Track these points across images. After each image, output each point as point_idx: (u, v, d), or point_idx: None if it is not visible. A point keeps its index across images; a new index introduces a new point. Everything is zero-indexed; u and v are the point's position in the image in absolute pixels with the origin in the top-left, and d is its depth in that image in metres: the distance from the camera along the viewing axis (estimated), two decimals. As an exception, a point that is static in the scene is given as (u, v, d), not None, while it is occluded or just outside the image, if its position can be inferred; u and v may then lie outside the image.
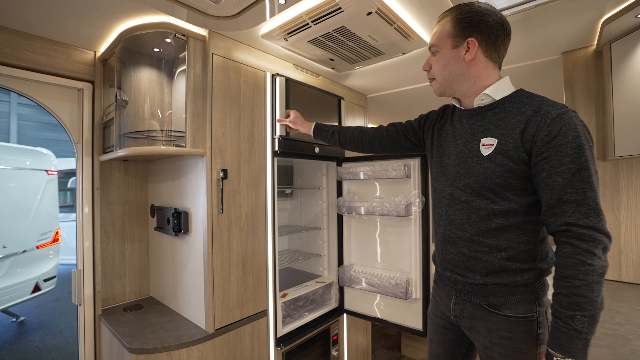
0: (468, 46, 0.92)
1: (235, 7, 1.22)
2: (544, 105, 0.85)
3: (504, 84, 0.94)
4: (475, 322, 0.97)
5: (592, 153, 0.81)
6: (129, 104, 1.43)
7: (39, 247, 4.10)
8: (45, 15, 1.26)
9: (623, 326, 1.10)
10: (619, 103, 1.45)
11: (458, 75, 0.96)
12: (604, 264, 0.77)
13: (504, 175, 0.88)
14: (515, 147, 0.86)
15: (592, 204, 0.78)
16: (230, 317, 1.47)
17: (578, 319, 0.76)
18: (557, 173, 0.80)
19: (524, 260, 0.89)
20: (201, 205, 1.42)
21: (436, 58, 0.99)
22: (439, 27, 0.98)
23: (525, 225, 0.89)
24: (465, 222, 0.97)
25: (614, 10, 1.30)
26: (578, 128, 0.80)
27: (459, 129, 1.02)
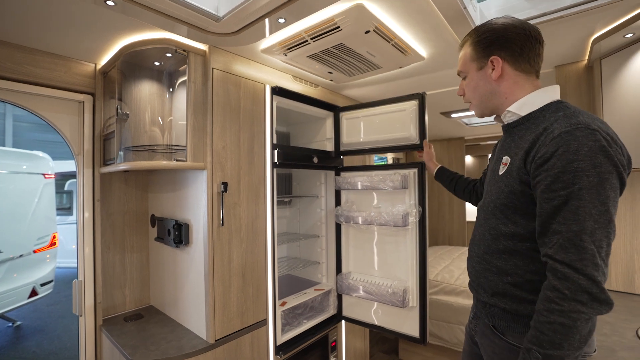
0: (493, 64, 0.90)
1: (236, 25, 1.24)
2: (556, 122, 0.77)
3: (534, 97, 0.88)
4: (484, 340, 0.97)
5: (598, 180, 0.69)
6: (130, 116, 1.45)
7: (35, 251, 4.09)
8: (46, 31, 1.28)
9: (609, 337, 1.14)
10: (609, 118, 1.49)
11: (490, 95, 0.94)
12: (580, 308, 0.68)
13: (509, 196, 0.85)
14: (519, 168, 0.82)
15: (574, 238, 0.70)
16: (230, 327, 1.50)
17: (533, 354, 0.73)
18: (546, 200, 0.75)
19: (529, 290, 0.83)
20: (202, 218, 1.44)
21: (467, 82, 0.99)
22: (462, 53, 0.99)
23: (533, 254, 0.83)
24: (480, 239, 0.97)
25: (603, 30, 1.34)
26: (581, 150, 0.70)
27: (497, 147, 1.03)
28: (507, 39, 0.88)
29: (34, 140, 8.78)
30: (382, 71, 1.73)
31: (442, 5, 1.13)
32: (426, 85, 2.05)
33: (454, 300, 2.49)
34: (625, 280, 1.60)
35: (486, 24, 0.93)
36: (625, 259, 1.60)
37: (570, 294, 0.69)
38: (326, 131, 2.06)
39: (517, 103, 0.89)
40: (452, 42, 1.43)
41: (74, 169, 1.61)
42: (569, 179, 0.71)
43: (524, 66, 0.88)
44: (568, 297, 0.69)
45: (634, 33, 1.31)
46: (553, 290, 0.71)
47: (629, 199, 1.59)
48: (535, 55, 0.88)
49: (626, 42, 1.38)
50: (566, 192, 0.71)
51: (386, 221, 1.72)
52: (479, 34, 0.93)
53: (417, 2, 1.12)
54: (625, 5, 1.14)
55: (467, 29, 1.30)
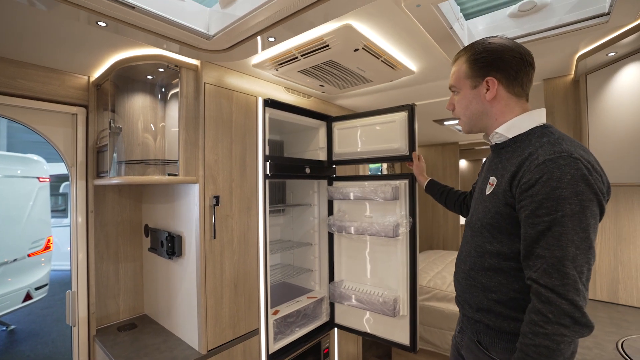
0: (488, 85, 0.91)
1: (227, 43, 1.26)
2: (540, 148, 0.80)
3: (522, 120, 0.90)
4: (469, 354, 0.99)
5: (580, 207, 0.72)
6: (123, 130, 1.46)
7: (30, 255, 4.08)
8: (40, 46, 1.29)
9: (591, 350, 1.17)
10: (594, 133, 1.52)
11: (481, 114, 0.95)
12: (563, 332, 0.71)
13: (496, 216, 0.88)
14: (505, 191, 0.85)
15: (557, 264, 0.72)
16: (222, 338, 1.52)
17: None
18: (531, 225, 0.77)
19: (513, 308, 0.86)
20: (194, 230, 1.46)
21: (458, 98, 1.00)
22: (456, 68, 0.99)
23: (517, 273, 0.85)
24: (467, 256, 0.99)
25: (587, 49, 1.37)
26: (564, 178, 0.73)
27: (485, 165, 1.05)
28: (504, 61, 0.89)
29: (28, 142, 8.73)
30: (373, 84, 1.76)
31: (428, 26, 1.16)
32: (418, 95, 2.07)
33: (445, 307, 2.52)
34: (610, 291, 1.64)
35: (484, 43, 0.93)
36: (609, 270, 1.64)
37: (553, 317, 0.71)
38: (319, 140, 2.08)
39: (505, 125, 0.91)
40: (440, 58, 1.46)
41: (68, 171, 1.63)
42: (552, 205, 0.73)
43: (516, 89, 0.91)
44: (552, 321, 0.71)
45: (616, 52, 1.35)
46: (537, 314, 0.74)
47: (613, 212, 1.63)
48: (527, 79, 0.91)
49: (609, 60, 1.42)
50: (549, 219, 0.74)
51: (377, 232, 1.75)
52: (476, 52, 0.93)
53: (404, 22, 1.15)
54: (606, 28, 1.17)
55: (454, 46, 1.34)
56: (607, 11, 1.11)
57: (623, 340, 1.24)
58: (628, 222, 1.61)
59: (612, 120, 1.45)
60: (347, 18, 1.12)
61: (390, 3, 1.02)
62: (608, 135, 1.47)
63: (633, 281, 1.60)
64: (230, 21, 1.13)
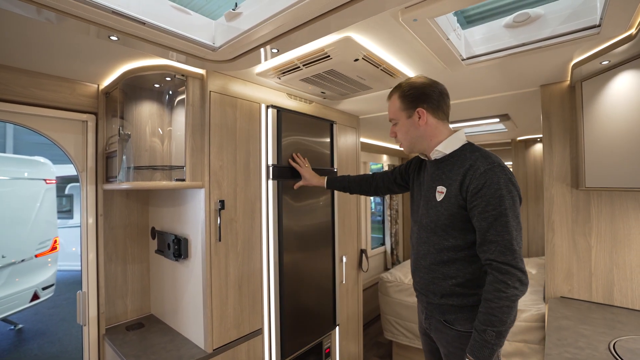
0: (419, 114, 1.16)
1: (231, 54, 1.31)
2: (477, 161, 1.07)
3: (454, 139, 1.16)
4: (439, 334, 1.21)
5: (512, 202, 1.00)
6: (131, 136, 1.52)
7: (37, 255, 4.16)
8: (51, 57, 1.34)
9: (584, 350, 1.21)
10: (589, 138, 1.56)
11: (418, 137, 1.20)
12: (516, 292, 0.96)
13: (450, 217, 1.10)
14: (456, 196, 1.08)
15: (508, 244, 0.98)
16: (227, 337, 1.57)
17: (488, 333, 0.97)
18: (483, 219, 1.02)
19: (469, 287, 1.11)
20: (200, 233, 1.52)
21: (398, 127, 1.24)
22: (391, 104, 1.24)
23: (470, 259, 1.10)
24: (426, 253, 1.20)
25: (581, 57, 1.41)
26: (500, 182, 1.01)
27: (426, 176, 1.26)
28: (427, 95, 1.16)
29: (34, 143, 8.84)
30: (372, 91, 1.81)
31: (425, 38, 1.20)
32: (417, 100, 2.11)
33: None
34: (605, 293, 1.67)
35: (409, 82, 1.20)
36: (605, 272, 1.68)
37: (511, 283, 0.96)
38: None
39: (442, 144, 1.16)
40: (438, 66, 1.50)
41: (74, 173, 1.68)
42: (496, 202, 1.00)
43: (440, 115, 1.18)
44: (510, 286, 0.96)
45: (609, 60, 1.38)
46: (500, 283, 0.97)
47: (609, 215, 1.66)
48: (446, 107, 1.19)
49: (603, 68, 1.45)
50: (496, 212, 0.99)
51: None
52: (404, 90, 1.19)
53: (401, 34, 1.19)
54: (598, 38, 1.21)
55: (451, 57, 1.38)
56: (598, 23, 1.15)
57: (615, 341, 1.28)
58: (623, 225, 1.64)
59: (607, 126, 1.49)
60: (347, 31, 1.17)
61: (388, 17, 1.07)
62: (603, 140, 1.51)
63: (628, 283, 1.63)
64: (235, 34, 1.18)
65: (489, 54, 1.40)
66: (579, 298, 1.74)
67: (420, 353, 2.76)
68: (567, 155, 1.78)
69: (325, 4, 0.95)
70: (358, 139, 2.58)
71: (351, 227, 2.44)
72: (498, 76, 1.67)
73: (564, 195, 1.79)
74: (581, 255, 1.74)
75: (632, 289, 1.62)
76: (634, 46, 1.25)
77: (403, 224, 4.69)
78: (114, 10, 0.98)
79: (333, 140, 2.16)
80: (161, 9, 1.12)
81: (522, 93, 1.95)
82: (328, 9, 0.98)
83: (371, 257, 4.03)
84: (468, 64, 1.47)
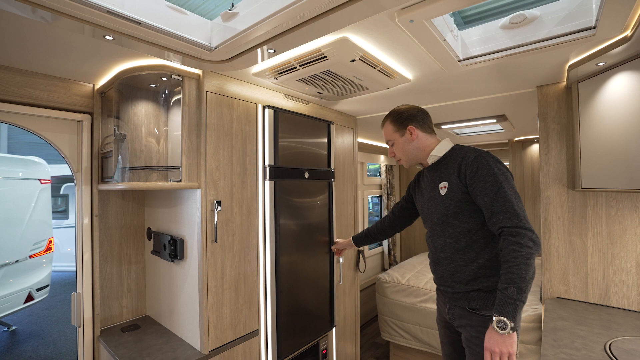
0: (410, 131, 1.40)
1: (228, 54, 1.31)
2: (467, 153, 1.27)
3: (444, 144, 1.39)
4: (462, 321, 1.31)
5: (504, 177, 1.18)
6: (127, 136, 1.51)
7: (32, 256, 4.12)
8: (46, 57, 1.33)
9: (579, 351, 1.22)
10: (585, 140, 1.57)
11: (414, 150, 1.42)
12: (530, 250, 1.07)
13: (457, 205, 1.27)
14: (457, 184, 1.26)
15: (512, 210, 1.12)
16: (223, 338, 1.56)
17: (510, 289, 1.07)
18: (485, 195, 1.18)
19: (491, 267, 1.22)
20: (196, 234, 1.51)
21: (395, 147, 1.46)
22: (385, 129, 1.48)
23: (485, 239, 1.24)
24: (444, 245, 1.34)
25: (577, 59, 1.41)
26: (490, 163, 1.20)
27: (426, 181, 1.47)
28: (413, 116, 1.41)
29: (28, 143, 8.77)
30: (369, 92, 1.80)
31: (421, 39, 1.20)
32: (415, 100, 2.12)
33: (442, 308, 2.57)
34: (601, 294, 1.68)
35: (397, 110, 1.46)
36: (601, 273, 1.68)
37: (524, 242, 1.08)
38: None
39: (435, 149, 1.38)
40: (435, 67, 1.50)
41: (69, 173, 1.66)
42: (492, 179, 1.17)
43: (427, 129, 1.43)
44: (523, 245, 1.08)
45: (605, 62, 1.39)
46: (514, 244, 1.09)
47: (604, 216, 1.67)
48: (430, 122, 1.45)
49: (599, 69, 1.46)
50: (494, 187, 1.16)
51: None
52: (394, 115, 1.45)
53: (398, 35, 1.19)
54: (593, 40, 1.22)
55: (448, 58, 1.38)
56: (594, 25, 1.16)
57: (611, 341, 1.28)
58: (619, 226, 1.65)
59: (603, 127, 1.50)
60: (343, 31, 1.16)
61: (384, 18, 1.07)
62: (599, 141, 1.52)
63: (624, 284, 1.64)
64: (231, 34, 1.17)
65: (486, 55, 1.40)
66: (575, 299, 1.75)
67: (418, 354, 2.76)
68: (563, 156, 1.79)
69: (322, 4, 0.95)
70: (355, 139, 2.57)
71: (348, 227, 2.43)
72: (495, 77, 1.68)
73: (560, 196, 1.80)
74: (577, 256, 1.75)
75: (628, 289, 1.62)
76: (629, 48, 1.26)
77: (400, 224, 4.68)
78: (109, 9, 0.97)
79: (330, 140, 2.15)
80: (157, 8, 1.11)
81: (519, 94, 1.96)
82: (325, 9, 0.98)
83: (368, 258, 4.03)
84: (465, 65, 1.47)
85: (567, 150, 1.78)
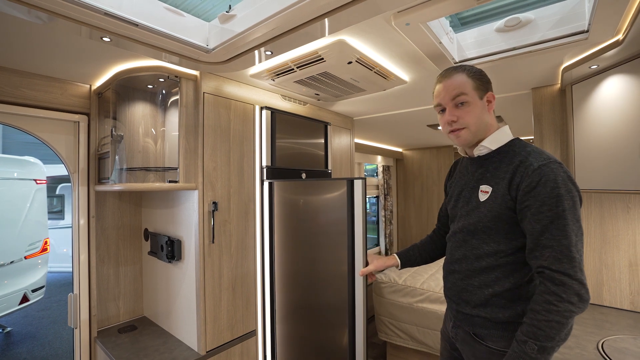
0: (489, 100, 1.03)
1: (225, 56, 1.31)
2: (530, 156, 0.94)
3: (501, 134, 1.03)
4: (465, 346, 1.08)
5: (572, 202, 0.86)
6: (124, 138, 1.51)
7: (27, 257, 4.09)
8: (42, 57, 1.33)
9: (573, 350, 1.23)
10: (579, 141, 1.59)
11: (486, 125, 1.04)
12: (571, 308, 0.82)
13: (494, 219, 0.97)
14: (504, 195, 0.96)
15: (565, 251, 0.83)
16: (221, 339, 1.57)
17: (529, 345, 0.84)
18: (536, 220, 0.88)
19: (508, 298, 0.97)
20: (193, 235, 1.51)
21: (467, 109, 1.01)
22: (459, 81, 1.02)
23: (513, 267, 0.97)
24: (461, 258, 1.08)
25: (571, 61, 1.44)
26: (558, 179, 0.87)
27: (465, 175, 1.13)
28: (490, 83, 1.05)
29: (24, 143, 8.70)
30: (366, 93, 1.82)
31: (417, 41, 1.21)
32: (411, 102, 2.13)
33: (438, 309, 2.58)
34: (594, 293, 1.70)
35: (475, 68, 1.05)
36: (594, 272, 1.70)
37: (566, 296, 0.82)
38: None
39: (489, 139, 1.03)
40: (431, 69, 1.51)
41: (65, 173, 1.66)
42: (553, 202, 0.86)
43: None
44: (564, 300, 0.82)
45: (598, 65, 1.41)
46: (552, 294, 0.84)
47: (598, 217, 1.69)
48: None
49: (592, 72, 1.48)
50: (552, 214, 0.86)
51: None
52: (473, 70, 1.03)
53: (394, 38, 1.20)
54: (586, 43, 1.24)
55: (443, 60, 1.40)
56: (587, 29, 1.18)
57: (603, 340, 1.30)
58: (612, 226, 1.67)
59: (597, 129, 1.52)
60: (340, 34, 1.17)
61: (381, 21, 1.08)
62: (592, 143, 1.54)
63: (617, 283, 1.66)
64: (229, 36, 1.18)
65: (481, 58, 1.42)
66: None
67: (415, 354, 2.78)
68: (557, 158, 1.80)
69: (319, 7, 0.96)
70: (352, 140, 2.59)
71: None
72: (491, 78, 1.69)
73: (555, 196, 1.82)
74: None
75: (621, 289, 1.65)
76: (621, 51, 1.28)
77: (397, 224, 4.71)
78: (106, 11, 0.97)
79: (327, 141, 2.17)
80: (154, 10, 1.11)
81: (514, 96, 1.98)
82: (322, 12, 0.98)
83: (365, 258, 4.03)
84: (460, 67, 1.48)
85: (561, 152, 1.80)
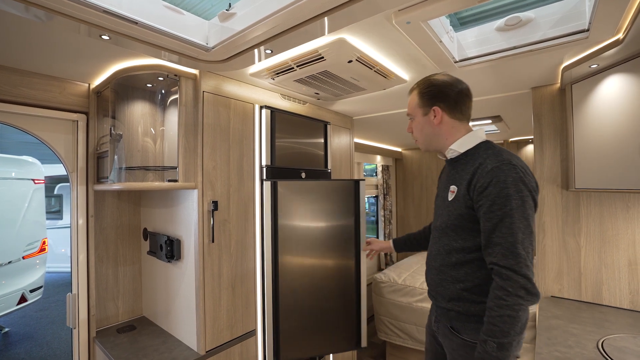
0: (434, 113, 1.13)
1: (225, 55, 1.31)
2: (488, 159, 1.02)
3: (469, 138, 1.12)
4: (445, 340, 1.15)
5: (521, 202, 0.93)
6: (123, 137, 1.50)
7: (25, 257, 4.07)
8: (41, 55, 1.32)
9: (572, 349, 1.23)
10: (579, 141, 1.59)
11: (433, 135, 1.16)
12: (520, 301, 0.88)
13: (458, 218, 1.06)
14: (464, 195, 1.04)
15: (511, 247, 0.91)
16: (220, 339, 1.56)
17: (489, 344, 0.90)
18: (487, 219, 0.96)
19: (478, 293, 1.04)
20: (193, 234, 1.50)
21: (414, 124, 1.21)
22: (410, 99, 1.21)
23: (480, 263, 1.03)
24: (436, 254, 1.17)
25: (571, 60, 1.43)
26: (508, 180, 0.94)
27: (443, 177, 1.25)
28: (445, 94, 1.12)
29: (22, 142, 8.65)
30: (366, 92, 1.81)
31: (418, 40, 1.21)
32: (411, 102, 2.13)
33: (438, 307, 2.59)
34: (594, 292, 1.70)
35: (430, 79, 1.16)
36: (594, 272, 1.71)
37: (513, 290, 0.89)
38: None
39: (457, 143, 1.12)
40: (431, 68, 1.51)
41: (64, 173, 1.65)
42: (502, 202, 0.93)
43: (458, 115, 1.13)
44: (512, 294, 0.89)
45: (598, 64, 1.41)
46: (500, 289, 0.91)
47: (597, 216, 1.70)
48: (466, 107, 1.14)
49: (592, 71, 1.48)
50: (501, 213, 0.93)
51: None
52: (423, 86, 1.16)
53: (395, 36, 1.20)
54: (587, 43, 1.23)
55: (444, 59, 1.39)
56: (587, 28, 1.18)
57: (603, 339, 1.30)
58: (611, 226, 1.67)
59: (596, 128, 1.52)
60: (341, 32, 1.17)
61: (381, 19, 1.08)
62: (592, 142, 1.54)
63: (616, 282, 1.66)
64: (228, 34, 1.17)
65: (481, 57, 1.42)
66: (569, 297, 1.77)
67: (414, 353, 2.78)
68: (557, 157, 1.81)
69: (319, 5, 0.95)
70: (352, 139, 2.58)
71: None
72: (490, 78, 1.69)
73: (555, 196, 1.82)
74: (571, 255, 1.77)
75: (620, 288, 1.65)
76: (621, 50, 1.28)
77: (396, 224, 4.71)
78: (105, 9, 0.97)
79: (327, 141, 2.16)
80: (153, 8, 1.11)
81: (514, 95, 1.98)
82: (322, 10, 0.98)
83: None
84: (460, 66, 1.49)
85: (561, 151, 1.80)
